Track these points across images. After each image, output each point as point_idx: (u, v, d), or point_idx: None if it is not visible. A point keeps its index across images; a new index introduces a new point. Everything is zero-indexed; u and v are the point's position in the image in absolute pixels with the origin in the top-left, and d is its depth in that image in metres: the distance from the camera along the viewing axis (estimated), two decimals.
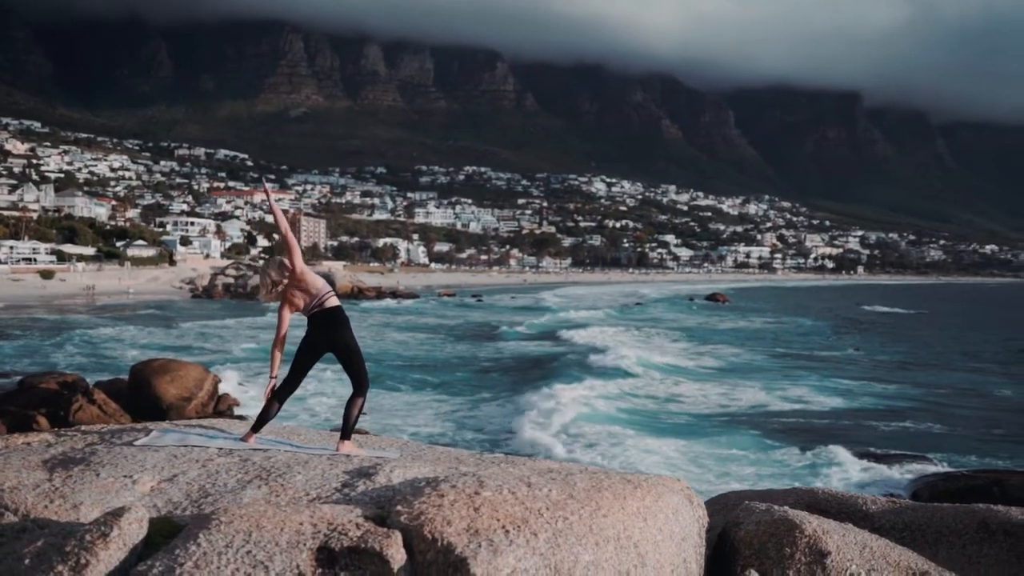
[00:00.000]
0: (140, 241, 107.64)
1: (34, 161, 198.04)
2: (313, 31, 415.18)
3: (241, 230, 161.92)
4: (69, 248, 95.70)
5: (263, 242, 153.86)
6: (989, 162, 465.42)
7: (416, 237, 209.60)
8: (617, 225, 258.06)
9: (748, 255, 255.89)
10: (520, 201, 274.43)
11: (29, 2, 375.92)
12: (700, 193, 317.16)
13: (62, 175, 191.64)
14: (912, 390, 26.18)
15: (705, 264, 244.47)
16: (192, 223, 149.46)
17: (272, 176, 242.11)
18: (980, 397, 25.43)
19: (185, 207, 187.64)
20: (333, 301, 5.21)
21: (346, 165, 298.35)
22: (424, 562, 3.34)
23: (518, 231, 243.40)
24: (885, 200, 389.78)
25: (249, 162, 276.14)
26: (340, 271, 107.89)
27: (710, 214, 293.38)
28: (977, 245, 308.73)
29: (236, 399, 19.55)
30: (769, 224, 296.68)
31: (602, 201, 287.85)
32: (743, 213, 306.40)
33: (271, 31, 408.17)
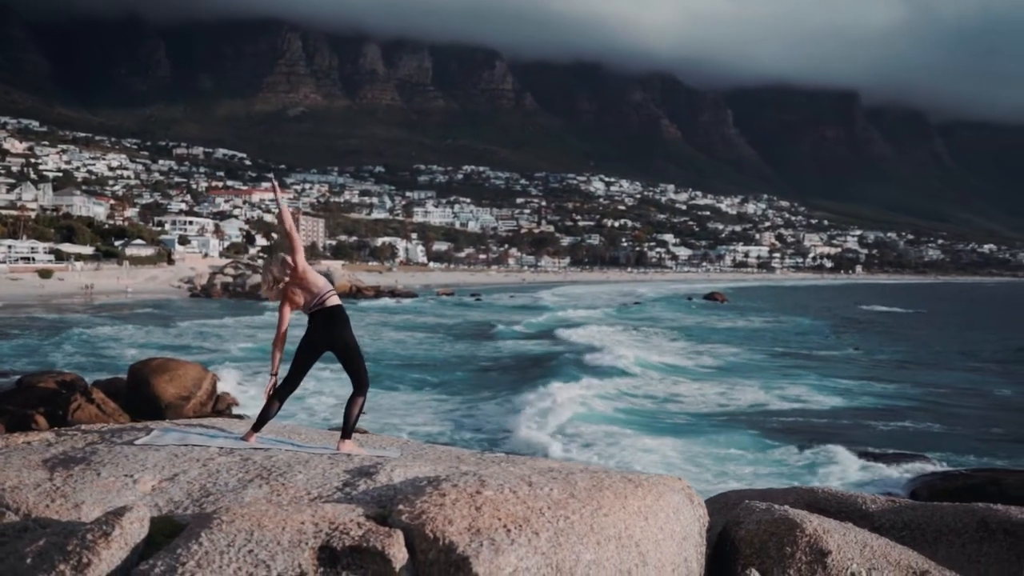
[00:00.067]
0: (138, 240, 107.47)
1: (32, 160, 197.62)
2: (311, 30, 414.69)
3: (240, 229, 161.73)
4: (67, 247, 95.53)
5: (261, 241, 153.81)
6: (987, 161, 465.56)
7: (414, 236, 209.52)
8: (615, 224, 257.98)
9: (746, 254, 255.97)
10: (519, 200, 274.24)
11: (27, 1, 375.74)
12: (698, 192, 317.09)
13: (60, 174, 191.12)
14: (910, 389, 26.20)
15: (703, 263, 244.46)
16: (190, 222, 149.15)
17: (270, 174, 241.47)
18: (978, 396, 25.45)
19: (183, 206, 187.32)
20: (334, 300, 5.23)
21: (344, 164, 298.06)
22: (426, 561, 3.35)
23: (516, 230, 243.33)
24: (883, 199, 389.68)
25: (248, 161, 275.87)
26: (338, 270, 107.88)
27: (708, 213, 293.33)
28: (975, 244, 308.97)
29: (235, 398, 19.55)
30: (767, 223, 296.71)
31: (601, 200, 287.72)
32: (741, 212, 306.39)
33: (269, 30, 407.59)
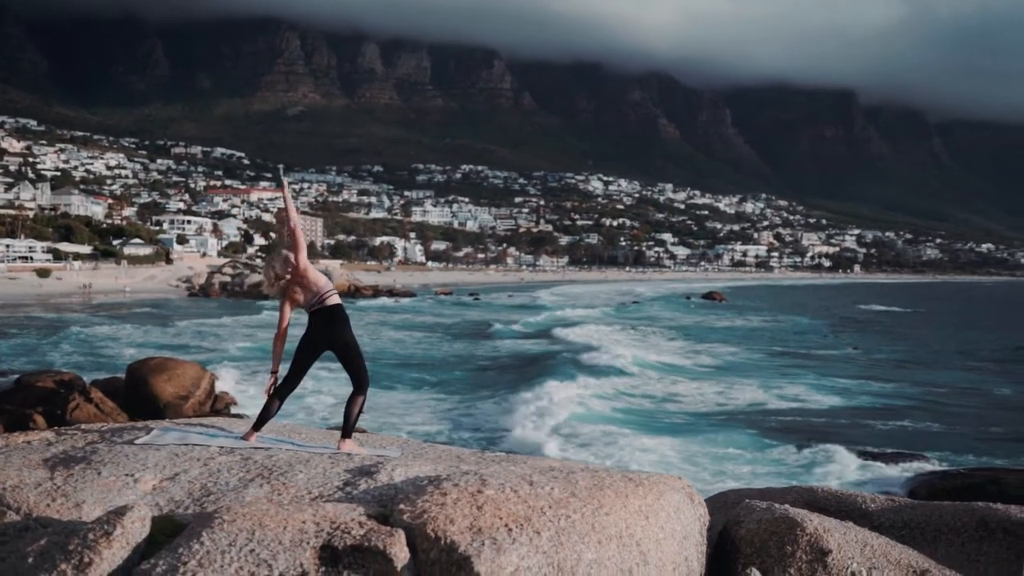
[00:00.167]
0: (137, 239, 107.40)
1: (30, 159, 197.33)
2: (310, 29, 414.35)
3: (238, 229, 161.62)
4: (65, 246, 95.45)
5: (260, 240, 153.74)
6: (986, 161, 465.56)
7: (413, 235, 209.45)
8: (614, 224, 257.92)
9: (745, 254, 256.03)
10: (517, 199, 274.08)
11: None
12: (697, 192, 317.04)
13: (58, 173, 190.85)
14: (909, 389, 26.23)
15: (702, 263, 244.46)
16: (189, 221, 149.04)
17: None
18: (977, 396, 25.47)
19: (182, 205, 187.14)
20: (334, 299, 5.23)
21: (343, 163, 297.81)
22: (427, 560, 3.35)
23: (515, 229, 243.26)
24: (882, 199, 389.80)
25: (246, 160, 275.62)
26: (337, 269, 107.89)
27: (707, 212, 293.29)
28: (974, 244, 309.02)
29: (233, 398, 19.56)
30: (766, 223, 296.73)
31: (599, 200, 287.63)
32: (740, 212, 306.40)
33: (268, 29, 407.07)
